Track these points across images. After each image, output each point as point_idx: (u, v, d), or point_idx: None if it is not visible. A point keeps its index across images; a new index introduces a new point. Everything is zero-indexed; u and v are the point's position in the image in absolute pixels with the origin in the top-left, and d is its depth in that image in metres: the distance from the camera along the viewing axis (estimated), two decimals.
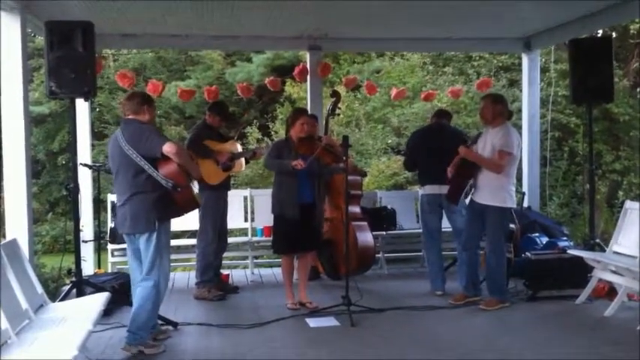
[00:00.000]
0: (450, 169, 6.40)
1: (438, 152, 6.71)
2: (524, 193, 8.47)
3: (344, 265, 6.37)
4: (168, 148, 4.81)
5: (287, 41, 9.00)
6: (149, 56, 17.79)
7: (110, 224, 7.97)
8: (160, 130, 16.01)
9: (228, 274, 7.72)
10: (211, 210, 6.90)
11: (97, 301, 4.76)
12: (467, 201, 6.93)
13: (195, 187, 6.19)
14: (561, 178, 12.76)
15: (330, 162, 6.53)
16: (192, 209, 5.30)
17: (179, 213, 5.20)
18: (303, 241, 6.32)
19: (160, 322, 5.52)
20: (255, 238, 8.38)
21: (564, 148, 12.95)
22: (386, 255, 8.49)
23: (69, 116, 6.13)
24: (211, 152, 6.79)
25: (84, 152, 7.88)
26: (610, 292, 6.35)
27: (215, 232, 6.93)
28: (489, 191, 6.21)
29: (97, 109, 16.59)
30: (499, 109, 6.25)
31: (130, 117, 5.11)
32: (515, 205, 6.48)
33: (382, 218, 8.24)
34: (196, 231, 7.21)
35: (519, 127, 8.95)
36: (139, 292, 5.02)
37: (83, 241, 7.16)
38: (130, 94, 5.46)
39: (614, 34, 12.53)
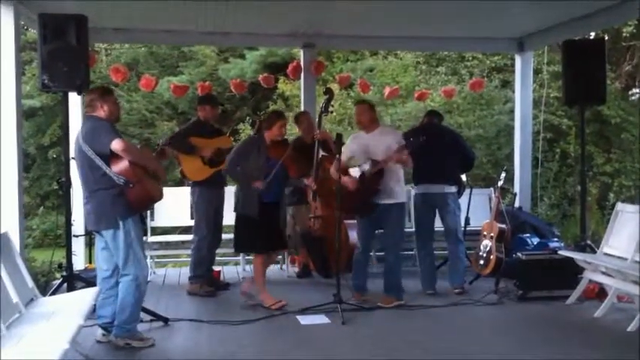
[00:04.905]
0: (352, 188, 6.25)
1: (431, 151, 6.70)
2: (515, 194, 8.49)
3: (335, 262, 6.36)
4: (116, 146, 4.84)
5: (281, 38, 8.97)
6: (141, 51, 17.65)
7: None
8: (152, 125, 16.18)
9: (219, 271, 7.70)
10: (203, 205, 6.97)
11: (88, 295, 4.76)
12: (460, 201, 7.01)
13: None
14: (552, 179, 12.79)
15: (295, 175, 6.60)
16: (149, 204, 5.26)
17: (142, 208, 5.21)
18: (265, 240, 6.27)
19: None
20: None
21: (556, 149, 12.97)
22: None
23: (61, 110, 6.08)
24: (193, 148, 6.76)
25: (75, 146, 7.79)
26: (600, 293, 6.38)
27: (209, 227, 6.96)
28: (392, 191, 6.30)
29: None
30: (375, 115, 6.56)
31: (88, 113, 5.15)
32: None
33: None
34: (189, 227, 7.24)
35: (512, 128, 8.96)
36: (120, 287, 5.06)
37: (74, 236, 7.11)
38: (89, 90, 5.46)
39: (606, 37, 12.55)
